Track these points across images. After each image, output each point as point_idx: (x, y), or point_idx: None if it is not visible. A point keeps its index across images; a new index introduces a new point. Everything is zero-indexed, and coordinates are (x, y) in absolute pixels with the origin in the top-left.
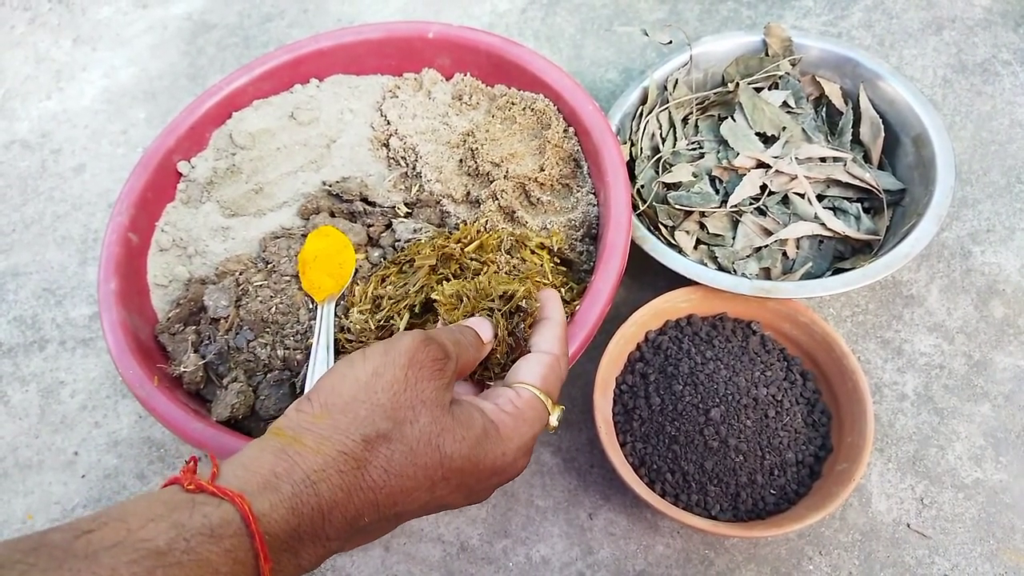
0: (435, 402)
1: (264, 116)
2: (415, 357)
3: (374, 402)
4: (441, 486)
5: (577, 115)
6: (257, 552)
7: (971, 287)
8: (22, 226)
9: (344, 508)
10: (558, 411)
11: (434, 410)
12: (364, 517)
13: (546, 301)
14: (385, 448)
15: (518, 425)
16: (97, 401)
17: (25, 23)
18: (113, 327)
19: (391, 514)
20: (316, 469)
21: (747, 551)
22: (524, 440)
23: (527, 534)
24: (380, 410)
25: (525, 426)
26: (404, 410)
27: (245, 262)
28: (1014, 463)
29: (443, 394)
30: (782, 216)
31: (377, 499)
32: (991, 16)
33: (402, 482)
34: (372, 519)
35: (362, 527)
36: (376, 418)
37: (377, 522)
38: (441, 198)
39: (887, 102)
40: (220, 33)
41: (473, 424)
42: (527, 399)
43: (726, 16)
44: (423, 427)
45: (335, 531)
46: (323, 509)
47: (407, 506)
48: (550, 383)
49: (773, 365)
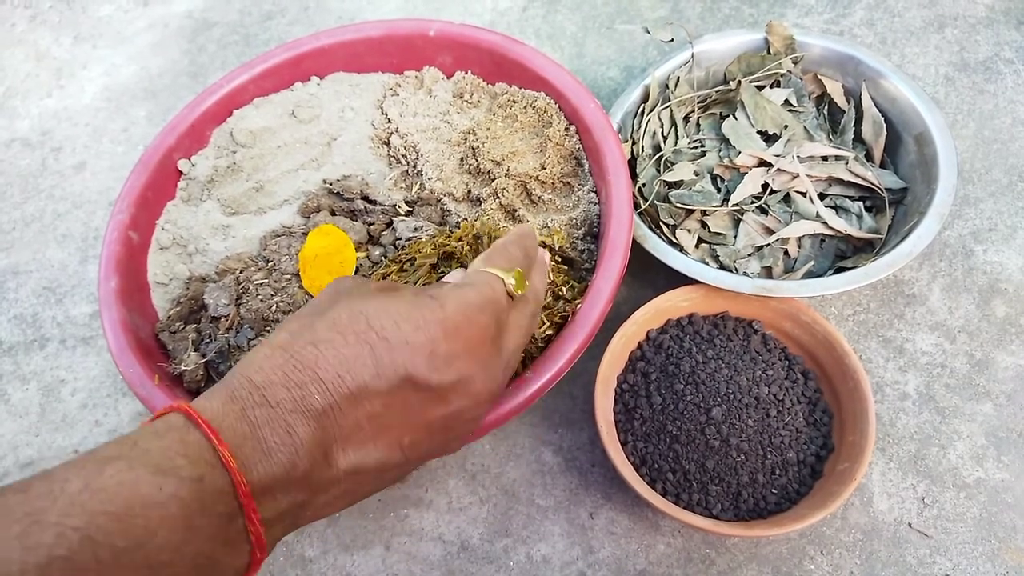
0: (358, 286)
1: (265, 114)
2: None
3: (303, 313)
4: (382, 347)
5: (578, 113)
6: (208, 437)
7: (973, 286)
8: (22, 224)
9: (284, 385)
10: (511, 276)
11: (355, 292)
12: (315, 395)
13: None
14: (308, 331)
15: (454, 290)
16: (98, 399)
17: (26, 21)
18: (113, 325)
19: (345, 391)
20: (246, 363)
21: (748, 550)
22: (466, 302)
23: (528, 533)
24: (307, 311)
25: (465, 291)
26: (325, 302)
27: (246, 260)
28: (1016, 462)
29: (365, 283)
30: (784, 215)
31: (317, 374)
32: (993, 14)
33: (333, 349)
34: (325, 399)
35: (322, 411)
36: (302, 314)
37: (338, 407)
38: (442, 196)
39: (889, 100)
40: (221, 31)
41: (402, 293)
42: (465, 273)
43: (728, 14)
44: (345, 304)
45: (289, 412)
46: (258, 386)
47: (359, 375)
48: (497, 259)
49: (774, 364)
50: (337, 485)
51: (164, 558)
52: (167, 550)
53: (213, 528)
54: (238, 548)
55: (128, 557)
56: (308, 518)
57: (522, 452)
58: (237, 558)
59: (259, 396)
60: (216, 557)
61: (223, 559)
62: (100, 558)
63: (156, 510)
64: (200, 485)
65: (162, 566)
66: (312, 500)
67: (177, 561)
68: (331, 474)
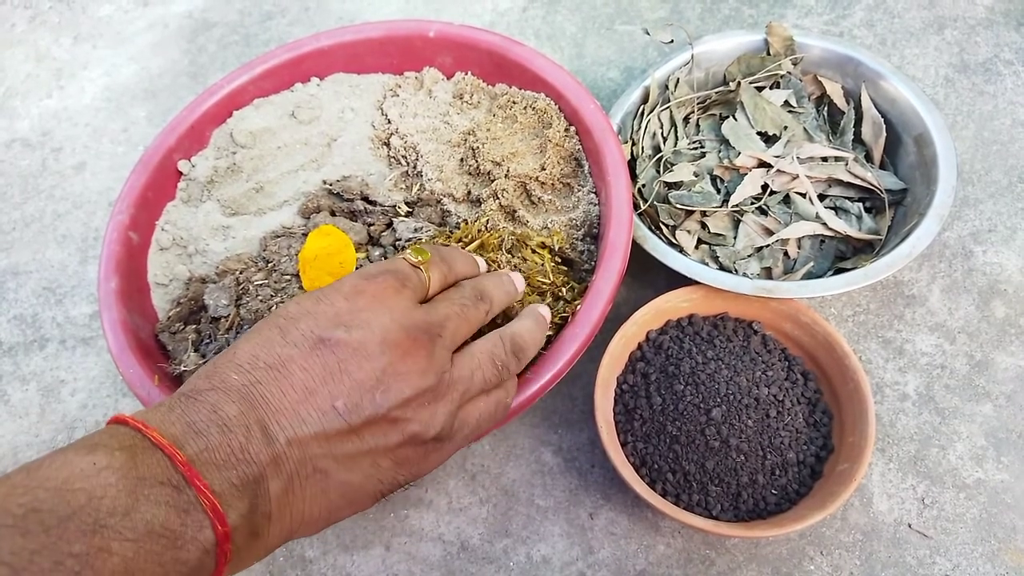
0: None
1: (265, 115)
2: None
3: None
4: (288, 324)
5: (578, 114)
6: (136, 427)
7: (973, 287)
8: (22, 224)
9: (204, 377)
10: (409, 250)
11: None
12: (232, 375)
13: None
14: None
15: (353, 274)
16: (98, 400)
17: (26, 21)
18: (113, 326)
19: (262, 365)
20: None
21: (748, 551)
22: (361, 273)
23: (528, 533)
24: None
25: (362, 270)
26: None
27: (245, 261)
28: (1015, 463)
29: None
30: (783, 216)
31: (234, 360)
32: (993, 15)
33: (246, 341)
34: (243, 376)
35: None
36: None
37: (258, 381)
38: (442, 197)
39: (889, 101)
40: (221, 31)
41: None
42: None
43: (727, 15)
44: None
45: (210, 394)
46: (182, 392)
47: (271, 350)
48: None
49: (774, 365)
50: (286, 462)
51: (114, 522)
52: (116, 514)
53: (161, 496)
54: (194, 517)
55: (75, 522)
56: (279, 509)
57: (522, 453)
58: (198, 530)
59: (181, 395)
60: (173, 527)
61: (181, 529)
62: (47, 524)
63: (94, 479)
64: (132, 456)
65: (114, 530)
66: (265, 476)
67: (130, 526)
68: (275, 449)
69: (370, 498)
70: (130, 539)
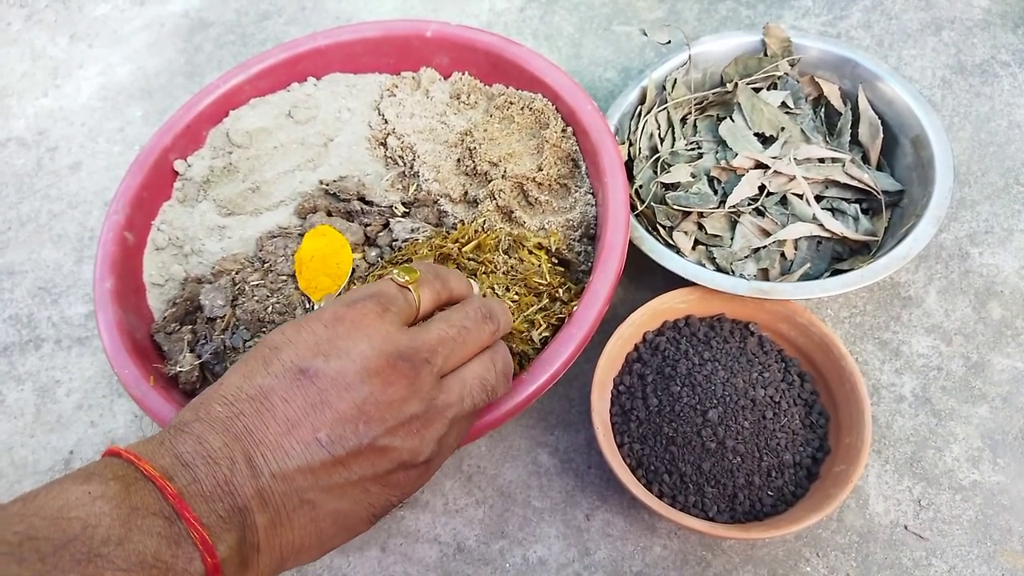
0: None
1: (261, 114)
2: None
3: None
4: (271, 354)
5: (575, 115)
6: (128, 459)
7: (969, 288)
8: (18, 224)
9: (191, 410)
10: (397, 271)
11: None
12: (216, 407)
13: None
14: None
15: (337, 299)
16: (93, 400)
17: (21, 20)
18: (109, 326)
19: (245, 396)
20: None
21: (744, 553)
22: (344, 299)
23: (524, 535)
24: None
25: (346, 295)
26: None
27: (241, 261)
28: (1011, 465)
29: None
30: (780, 217)
31: (219, 392)
32: (990, 17)
33: (233, 373)
34: (227, 408)
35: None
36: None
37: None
38: (439, 197)
39: (886, 103)
40: (217, 31)
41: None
42: None
43: (725, 16)
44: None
45: (195, 426)
46: (173, 424)
47: (254, 381)
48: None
49: (771, 366)
50: (271, 495)
51: (108, 551)
52: (110, 543)
53: (153, 527)
54: (185, 549)
55: (69, 550)
56: (267, 540)
57: (518, 454)
58: (188, 562)
59: (171, 428)
60: (164, 558)
61: (172, 561)
62: (43, 552)
63: (89, 508)
64: (125, 487)
65: (108, 560)
66: (250, 509)
67: (123, 556)
68: (259, 483)
69: (364, 523)
70: (123, 568)
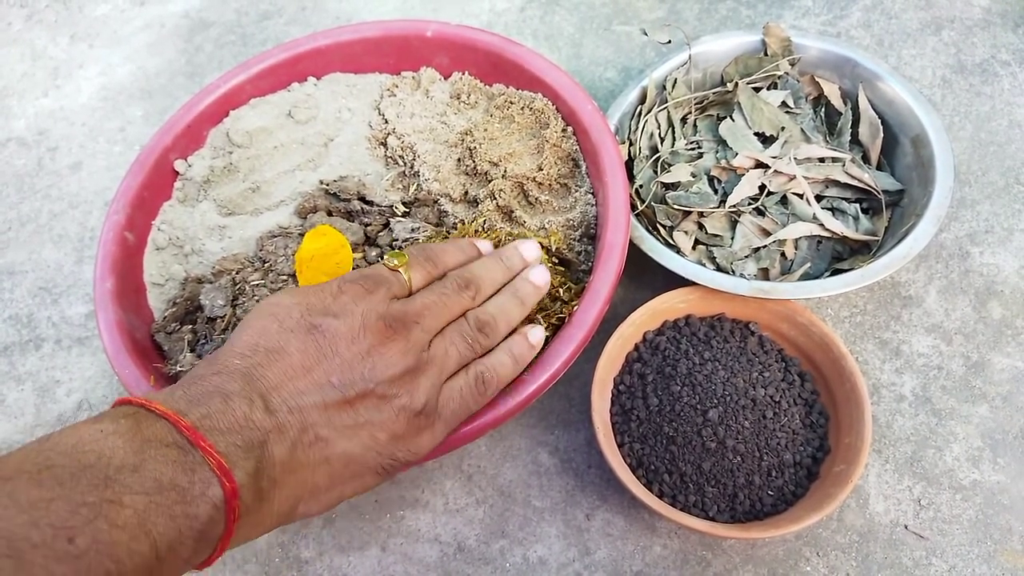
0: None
1: (262, 114)
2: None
3: None
4: (283, 313)
5: (576, 114)
6: (138, 403)
7: (969, 288)
8: (18, 224)
9: (208, 364)
10: (387, 255)
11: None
12: (234, 360)
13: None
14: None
15: (335, 279)
16: (93, 400)
17: (22, 20)
18: (109, 326)
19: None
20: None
21: (744, 552)
22: (345, 275)
23: (524, 534)
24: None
25: (349, 274)
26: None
27: (242, 261)
28: (1012, 464)
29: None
30: (781, 216)
31: (234, 348)
32: (990, 16)
33: (244, 332)
34: (244, 360)
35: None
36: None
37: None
38: (439, 197)
39: (886, 102)
40: (218, 31)
41: None
42: None
43: (725, 15)
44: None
45: (213, 376)
46: (187, 378)
47: (270, 337)
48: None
49: (771, 366)
50: (289, 429)
51: (123, 477)
52: (124, 471)
53: (167, 455)
54: (201, 475)
55: (87, 476)
56: (284, 474)
57: (518, 453)
58: (206, 486)
59: (183, 381)
60: (181, 483)
61: (189, 486)
62: (60, 478)
63: (102, 442)
64: (137, 423)
65: (124, 484)
66: (268, 441)
67: (139, 481)
68: (277, 419)
69: (371, 473)
70: (140, 492)
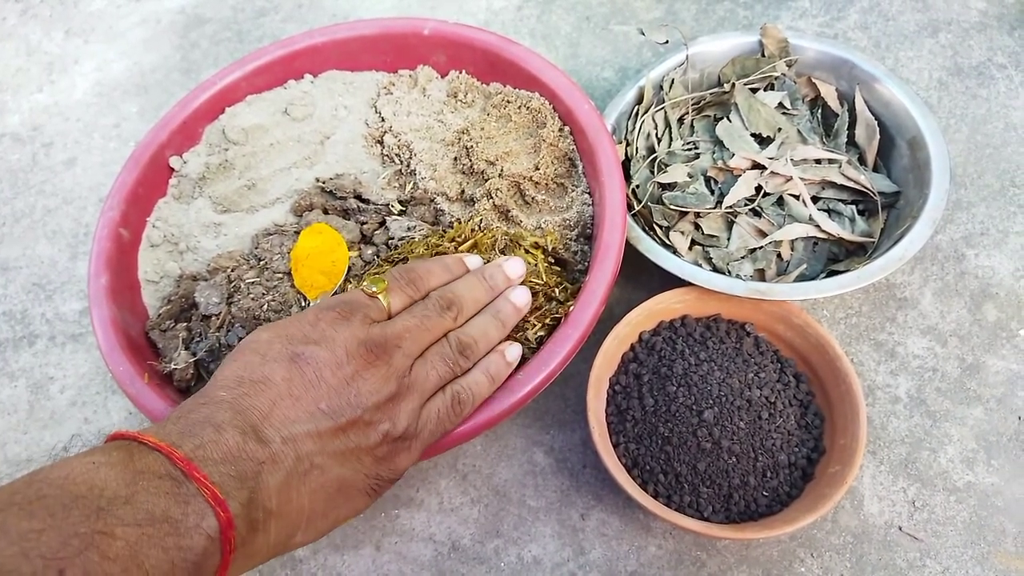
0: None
1: (257, 111)
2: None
3: None
4: (264, 347)
5: (573, 114)
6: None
7: (964, 290)
8: (12, 220)
9: (197, 399)
10: (366, 281)
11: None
12: (220, 392)
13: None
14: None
15: (312, 307)
16: (87, 397)
17: (16, 15)
18: (103, 323)
19: (247, 382)
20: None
21: (739, 553)
22: (322, 303)
23: (519, 534)
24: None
25: (327, 301)
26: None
27: (237, 259)
28: (1006, 466)
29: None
30: (777, 218)
31: (218, 381)
32: (987, 19)
33: (229, 367)
34: (230, 391)
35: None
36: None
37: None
38: (435, 196)
39: (883, 104)
40: (214, 27)
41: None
42: None
43: (722, 16)
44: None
45: (203, 408)
46: (175, 414)
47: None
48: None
49: (767, 367)
50: (283, 459)
51: (115, 508)
52: (118, 501)
53: (160, 487)
54: (195, 507)
55: (78, 507)
56: (280, 504)
57: (514, 453)
58: (200, 518)
59: (172, 416)
60: (174, 516)
61: (183, 518)
62: (52, 509)
63: (93, 474)
64: (129, 455)
65: (116, 516)
66: (262, 471)
67: (131, 512)
68: (271, 449)
69: (362, 494)
70: (132, 524)
